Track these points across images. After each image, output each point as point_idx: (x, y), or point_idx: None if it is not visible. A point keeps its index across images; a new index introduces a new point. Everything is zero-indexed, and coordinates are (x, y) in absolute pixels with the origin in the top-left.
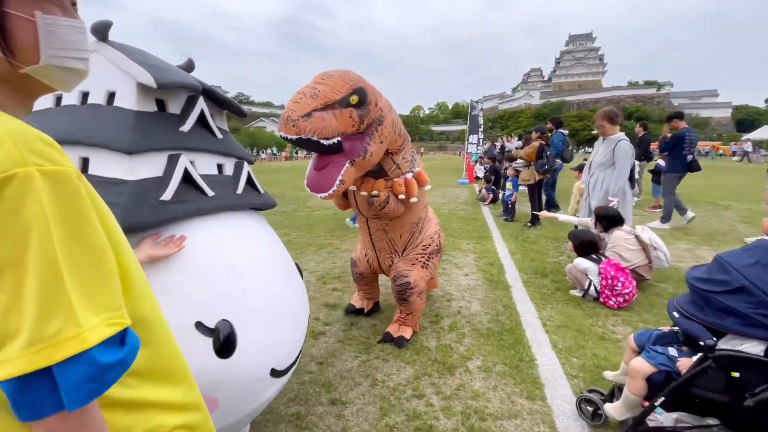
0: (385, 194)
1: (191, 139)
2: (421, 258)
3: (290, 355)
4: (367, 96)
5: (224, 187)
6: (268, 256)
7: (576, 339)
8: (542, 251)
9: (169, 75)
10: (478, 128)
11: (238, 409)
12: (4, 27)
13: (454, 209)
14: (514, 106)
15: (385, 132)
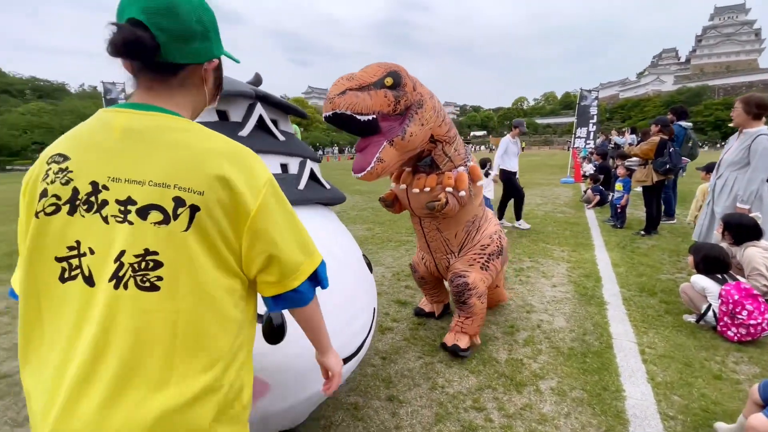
0: (444, 197)
1: (251, 143)
2: (479, 258)
3: (345, 346)
4: (402, 78)
5: (286, 185)
6: (327, 249)
7: (681, 373)
8: (654, 265)
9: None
10: (588, 120)
11: (291, 394)
12: (221, 85)
13: (551, 211)
14: (639, 94)
15: (426, 115)
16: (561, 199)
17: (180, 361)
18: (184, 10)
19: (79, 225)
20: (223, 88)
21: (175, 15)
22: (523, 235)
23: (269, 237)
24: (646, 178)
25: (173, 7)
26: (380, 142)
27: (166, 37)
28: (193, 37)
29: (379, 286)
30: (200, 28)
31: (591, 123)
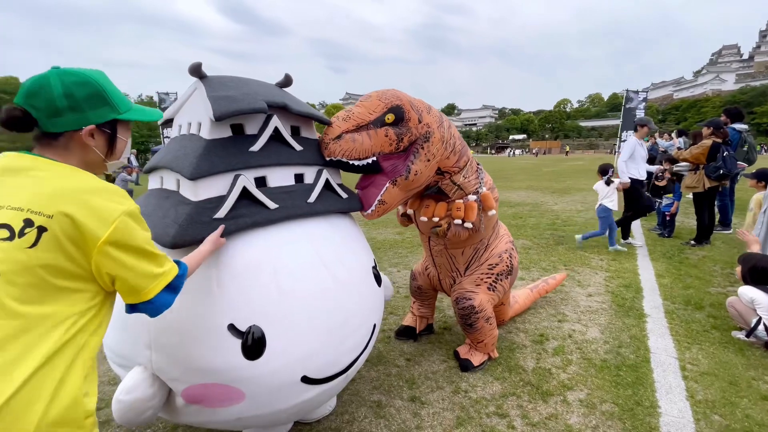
0: (446, 224)
1: (263, 157)
2: (487, 278)
3: (332, 365)
4: (405, 113)
5: (295, 197)
6: (328, 266)
7: (725, 392)
8: (703, 278)
9: (231, 104)
10: (635, 123)
11: (267, 405)
12: (114, 144)
13: (592, 218)
14: (695, 94)
15: (433, 149)
16: None
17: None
18: (47, 92)
19: None
20: (121, 145)
21: (42, 97)
22: (560, 243)
23: (114, 264)
24: (697, 185)
25: (41, 90)
26: (382, 183)
27: (38, 114)
28: (59, 111)
29: (407, 290)
30: (68, 102)
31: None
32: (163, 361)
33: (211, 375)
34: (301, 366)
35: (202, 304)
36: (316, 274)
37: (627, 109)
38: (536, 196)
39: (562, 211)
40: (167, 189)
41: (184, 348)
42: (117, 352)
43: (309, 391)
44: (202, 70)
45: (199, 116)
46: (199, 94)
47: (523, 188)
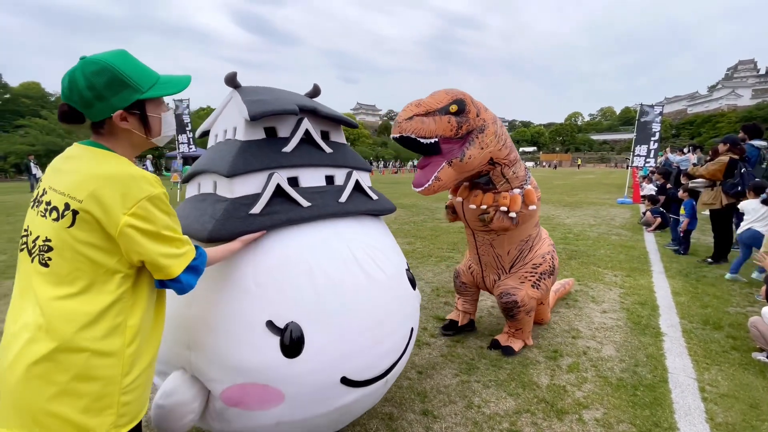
0: (493, 212)
1: (294, 158)
2: (531, 277)
3: (371, 367)
4: (466, 106)
5: (327, 197)
6: (362, 265)
7: (745, 416)
8: (722, 297)
9: (264, 106)
10: (649, 137)
11: (307, 408)
12: (147, 123)
13: (605, 233)
14: (710, 109)
15: (486, 140)
16: (617, 221)
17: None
18: (76, 86)
19: (31, 215)
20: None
21: (74, 92)
22: (573, 257)
23: (136, 245)
24: (714, 201)
25: (72, 85)
26: (439, 163)
27: (79, 107)
28: (90, 102)
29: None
30: (92, 93)
31: (652, 140)
32: (202, 362)
33: (249, 374)
34: (340, 366)
35: (239, 302)
36: (351, 272)
37: (642, 123)
38: (548, 210)
39: (574, 224)
40: (204, 193)
41: (223, 347)
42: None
43: (349, 394)
44: (236, 80)
45: (234, 121)
46: (234, 102)
47: None
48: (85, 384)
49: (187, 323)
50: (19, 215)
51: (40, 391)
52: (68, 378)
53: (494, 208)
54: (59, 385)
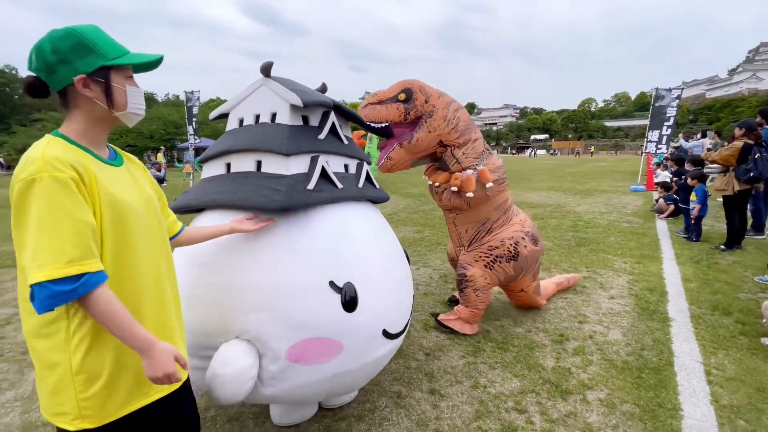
0: (443, 188)
1: (326, 144)
2: (485, 257)
3: (400, 322)
4: (413, 94)
5: (350, 182)
6: (380, 240)
7: (751, 398)
8: (734, 283)
9: (312, 96)
10: (663, 123)
11: (358, 358)
12: (110, 92)
13: (615, 220)
14: (730, 93)
15: (434, 124)
16: (628, 208)
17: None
18: (41, 51)
19: None
20: (119, 94)
21: (38, 57)
22: (582, 245)
23: (14, 230)
24: (727, 187)
25: (37, 52)
26: (392, 144)
27: (43, 75)
28: (54, 67)
29: (426, 287)
30: (57, 57)
31: (665, 125)
32: (268, 322)
33: (315, 329)
34: (382, 320)
35: (303, 265)
36: (378, 243)
37: (656, 107)
38: (558, 198)
39: (585, 212)
40: (241, 171)
41: (291, 306)
42: (199, 332)
43: (386, 345)
44: (270, 69)
45: (272, 107)
46: (270, 89)
47: (544, 189)
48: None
49: (243, 290)
50: None
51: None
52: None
53: (444, 186)
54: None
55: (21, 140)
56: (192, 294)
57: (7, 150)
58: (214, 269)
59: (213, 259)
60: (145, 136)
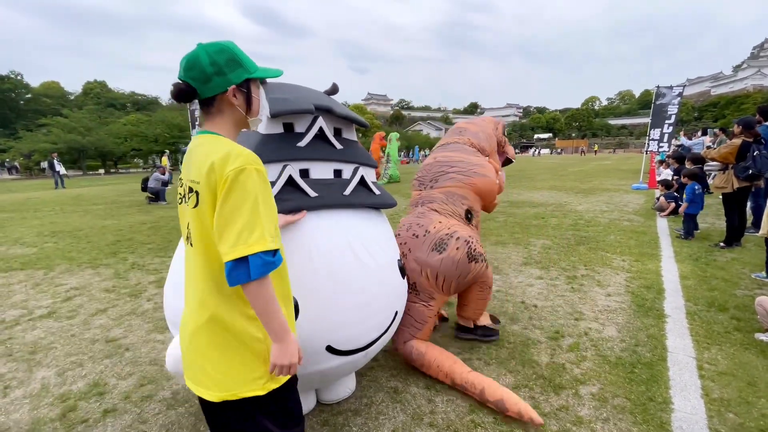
0: None
1: (307, 152)
2: None
3: (354, 340)
4: None
5: (333, 189)
6: (356, 252)
7: (741, 392)
8: (731, 280)
9: (285, 105)
10: (664, 121)
11: (300, 368)
12: (250, 101)
13: (616, 219)
14: (735, 90)
15: None
16: (630, 207)
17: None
18: (200, 62)
19: (181, 208)
20: (256, 102)
21: (196, 68)
22: (581, 243)
23: (217, 212)
24: (726, 185)
25: (195, 63)
26: None
27: (196, 84)
28: (209, 77)
29: None
30: (214, 68)
31: (667, 123)
32: None
33: None
34: (327, 336)
35: None
36: (344, 257)
37: (658, 105)
38: (560, 197)
39: (586, 211)
40: None
41: None
42: (174, 311)
43: (332, 360)
44: None
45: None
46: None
47: (546, 188)
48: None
49: None
50: (45, 211)
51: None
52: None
53: None
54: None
55: (27, 145)
56: (176, 279)
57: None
58: None
59: None
60: (150, 140)
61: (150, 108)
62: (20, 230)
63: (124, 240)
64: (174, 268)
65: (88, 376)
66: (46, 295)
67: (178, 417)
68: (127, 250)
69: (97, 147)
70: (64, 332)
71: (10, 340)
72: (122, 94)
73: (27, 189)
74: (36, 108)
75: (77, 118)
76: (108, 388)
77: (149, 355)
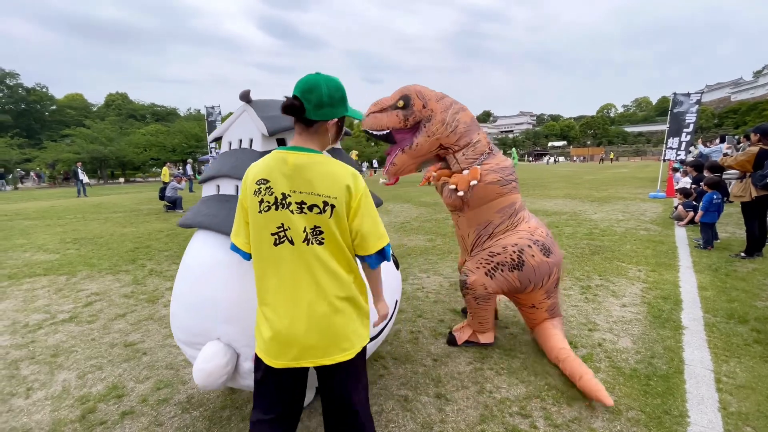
0: (440, 183)
1: None
2: (485, 264)
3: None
4: (411, 100)
5: None
6: None
7: (760, 406)
8: (752, 291)
9: (278, 123)
10: (682, 129)
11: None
12: (340, 133)
13: (633, 228)
14: (756, 96)
15: (433, 128)
16: (647, 215)
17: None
18: (320, 90)
19: (281, 215)
20: (342, 133)
21: (315, 93)
22: (596, 252)
23: (359, 220)
24: (744, 194)
25: (315, 89)
26: (395, 150)
27: (308, 105)
28: (323, 105)
29: (436, 295)
30: (329, 100)
31: (685, 132)
32: (236, 332)
33: None
34: None
35: None
36: None
37: (675, 114)
38: (574, 205)
39: (601, 220)
40: (225, 194)
41: (252, 320)
42: (189, 331)
43: None
44: (250, 96)
45: (250, 133)
46: (249, 115)
47: (560, 197)
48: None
49: (223, 302)
50: (68, 218)
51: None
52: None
53: (443, 181)
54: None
55: (51, 155)
56: (186, 300)
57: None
58: (203, 282)
59: (202, 273)
60: (168, 150)
61: (169, 119)
62: (44, 237)
63: (143, 247)
64: (183, 290)
65: (107, 379)
66: (68, 300)
67: (192, 420)
68: (146, 257)
69: (118, 157)
70: (85, 336)
71: (33, 344)
72: (142, 106)
73: (50, 197)
74: (60, 119)
75: (99, 128)
76: (126, 391)
77: (165, 360)
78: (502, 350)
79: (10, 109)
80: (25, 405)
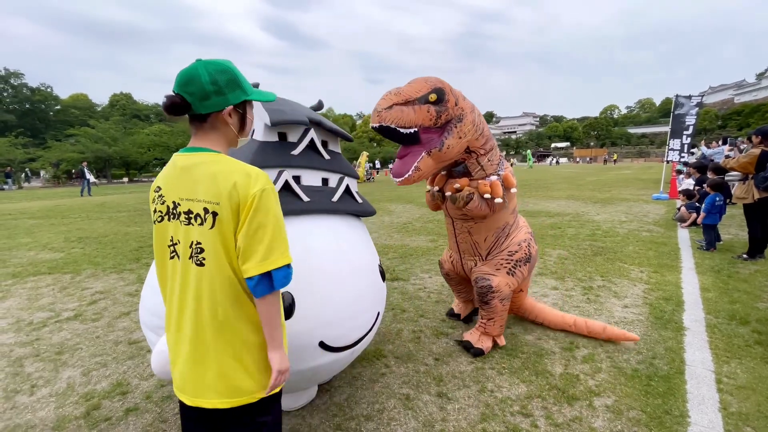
0: (469, 190)
1: (300, 160)
2: (506, 264)
3: (344, 337)
4: (445, 95)
5: (323, 196)
6: (345, 254)
7: (760, 406)
8: (753, 292)
9: (282, 116)
10: (683, 131)
11: (292, 364)
12: (245, 122)
13: (636, 229)
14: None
15: (464, 129)
16: (650, 217)
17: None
18: (200, 79)
19: (172, 227)
20: (250, 122)
21: (194, 84)
22: (598, 254)
23: (245, 230)
24: (746, 195)
25: (193, 79)
26: (419, 152)
27: (191, 99)
28: (208, 95)
29: (438, 295)
30: (214, 87)
31: (685, 134)
32: None
33: None
34: (320, 332)
35: None
36: (336, 257)
37: (676, 116)
38: (577, 206)
39: (603, 221)
40: None
41: None
42: (155, 313)
43: (324, 356)
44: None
45: (256, 125)
46: (255, 108)
47: (563, 198)
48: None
49: None
50: (72, 217)
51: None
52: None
53: (468, 191)
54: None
55: (55, 154)
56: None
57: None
58: None
59: None
60: (172, 150)
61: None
62: (48, 236)
63: (147, 246)
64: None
65: (111, 376)
66: (72, 298)
67: None
68: (150, 256)
69: (122, 156)
70: (89, 334)
71: (38, 341)
72: (146, 106)
73: (54, 196)
74: (65, 119)
75: (104, 128)
76: (130, 387)
77: None
78: (504, 350)
79: (15, 109)
80: (29, 402)
